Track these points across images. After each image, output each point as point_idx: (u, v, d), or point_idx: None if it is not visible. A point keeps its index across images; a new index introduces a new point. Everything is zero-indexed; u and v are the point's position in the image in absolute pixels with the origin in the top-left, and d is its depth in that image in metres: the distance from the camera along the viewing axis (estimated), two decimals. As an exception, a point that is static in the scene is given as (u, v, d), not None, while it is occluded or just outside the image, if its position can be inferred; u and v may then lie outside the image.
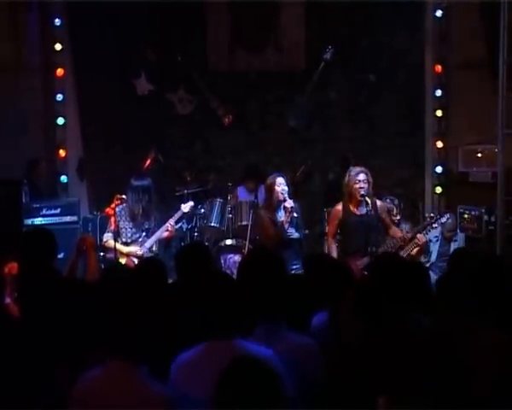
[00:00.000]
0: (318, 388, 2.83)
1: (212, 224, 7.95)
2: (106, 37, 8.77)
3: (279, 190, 6.49)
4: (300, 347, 3.13)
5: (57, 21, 8.82)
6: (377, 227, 6.35)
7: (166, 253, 6.87)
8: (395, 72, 9.04)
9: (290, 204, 6.41)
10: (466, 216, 8.06)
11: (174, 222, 6.79)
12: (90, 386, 2.80)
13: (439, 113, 8.85)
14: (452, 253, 5.46)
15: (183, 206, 7.07)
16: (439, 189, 8.91)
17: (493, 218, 7.81)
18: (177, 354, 3.00)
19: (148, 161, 8.61)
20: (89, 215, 8.50)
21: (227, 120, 9.33)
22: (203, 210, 8.02)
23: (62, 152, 8.95)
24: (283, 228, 6.41)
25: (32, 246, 4.51)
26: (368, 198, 6.16)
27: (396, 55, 8.97)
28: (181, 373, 2.93)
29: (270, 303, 3.14)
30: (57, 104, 8.90)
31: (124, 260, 6.48)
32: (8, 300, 4.30)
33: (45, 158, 8.87)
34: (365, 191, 6.18)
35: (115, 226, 6.50)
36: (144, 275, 4.18)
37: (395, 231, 6.42)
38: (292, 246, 6.45)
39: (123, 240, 6.59)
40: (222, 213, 7.94)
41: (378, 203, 6.38)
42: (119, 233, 6.57)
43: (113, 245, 6.41)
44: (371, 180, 6.25)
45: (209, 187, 8.73)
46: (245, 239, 7.25)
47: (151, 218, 6.66)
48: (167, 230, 6.66)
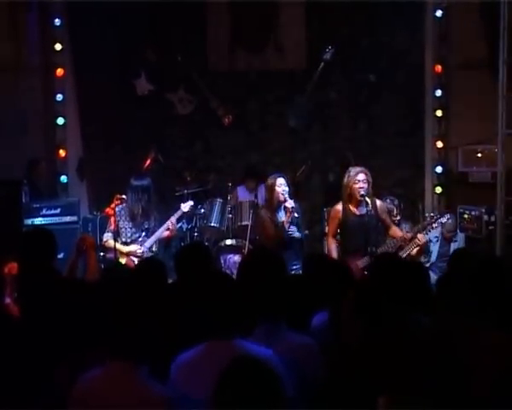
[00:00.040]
0: (318, 388, 2.83)
1: (212, 224, 7.95)
2: (106, 37, 8.76)
3: (280, 191, 6.49)
4: (300, 347, 3.13)
5: (57, 21, 8.82)
6: (377, 227, 6.35)
7: (166, 253, 6.89)
8: (395, 72, 9.04)
9: (291, 204, 6.41)
10: (466, 216, 8.06)
11: (175, 220, 6.80)
12: (90, 386, 2.80)
13: (439, 113, 8.85)
14: (452, 253, 5.46)
15: (183, 205, 7.08)
16: (439, 189, 8.91)
17: (493, 218, 7.82)
18: (177, 354, 3.00)
19: (148, 161, 8.61)
20: (89, 215, 8.51)
21: (227, 120, 9.33)
22: (203, 210, 8.02)
23: (62, 152, 8.95)
24: (284, 228, 6.41)
25: (32, 246, 4.51)
26: (368, 198, 6.16)
27: (396, 55, 8.96)
28: (181, 373, 2.93)
29: (269, 303, 3.14)
30: (57, 104, 8.90)
31: (124, 259, 6.48)
32: (8, 300, 4.30)
33: (45, 158, 8.87)
34: (365, 191, 6.17)
35: (115, 226, 6.50)
36: (144, 275, 4.18)
37: (395, 231, 6.42)
38: (292, 246, 6.45)
39: (123, 240, 6.59)
40: (222, 213, 7.94)
41: (378, 203, 6.38)
42: (119, 233, 6.58)
43: (113, 245, 6.42)
44: (371, 180, 6.25)
45: (209, 187, 8.73)
46: (245, 239, 7.25)
47: (151, 218, 6.66)
48: (168, 228, 6.67)
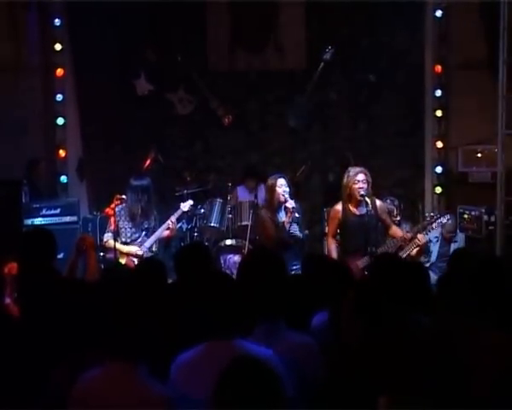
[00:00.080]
0: (318, 388, 2.83)
1: (212, 224, 7.95)
2: (106, 37, 8.76)
3: (280, 192, 6.49)
4: (300, 346, 3.13)
5: (57, 21, 8.82)
6: (377, 227, 6.34)
7: (166, 253, 6.89)
8: (395, 72, 9.04)
9: (291, 204, 6.41)
10: (466, 216, 8.06)
11: (175, 220, 6.80)
12: (90, 386, 2.80)
13: (439, 113, 8.85)
14: (452, 253, 5.46)
15: (183, 205, 7.08)
16: (439, 189, 8.91)
17: (493, 218, 7.82)
18: (177, 354, 3.00)
19: (148, 161, 8.61)
20: (88, 215, 8.51)
21: (227, 120, 9.33)
22: (203, 210, 8.02)
23: (62, 152, 8.94)
24: (284, 228, 6.41)
25: (32, 246, 4.51)
26: (367, 198, 6.15)
27: (396, 55, 8.96)
28: (181, 373, 2.93)
29: (269, 303, 3.14)
30: (57, 104, 8.90)
31: (124, 259, 6.48)
32: (8, 300, 4.30)
33: (45, 158, 8.88)
34: (365, 191, 6.16)
35: (115, 226, 6.49)
36: (144, 275, 4.18)
37: (395, 231, 6.41)
38: (292, 247, 6.46)
39: (122, 240, 6.59)
40: (222, 213, 7.94)
41: (378, 203, 6.37)
42: (119, 233, 6.58)
43: (113, 245, 6.42)
44: (370, 180, 6.24)
45: (209, 187, 8.74)
46: (245, 239, 7.25)
47: (150, 217, 6.66)
48: (168, 228, 6.67)
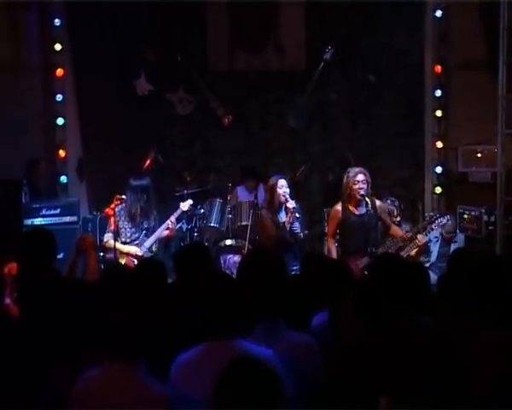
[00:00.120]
0: (318, 388, 2.82)
1: (212, 224, 7.95)
2: (106, 37, 8.76)
3: (281, 193, 6.51)
4: (300, 345, 3.13)
5: (57, 21, 8.82)
6: (376, 227, 6.35)
7: (166, 253, 6.88)
8: (395, 72, 9.04)
9: (292, 205, 6.42)
10: (466, 216, 8.07)
11: (174, 219, 6.80)
12: (89, 386, 2.80)
13: (439, 113, 8.86)
14: (452, 253, 5.45)
15: (182, 204, 7.08)
16: (439, 189, 8.91)
17: (493, 218, 7.83)
18: (177, 355, 2.99)
19: (148, 162, 8.62)
20: (88, 215, 8.50)
21: (227, 121, 9.33)
22: (203, 210, 8.02)
23: (62, 152, 8.94)
24: (285, 229, 6.42)
25: (32, 246, 4.50)
26: (367, 198, 6.16)
27: (396, 55, 8.97)
28: (180, 374, 2.93)
29: (269, 303, 3.14)
30: (57, 104, 8.90)
31: (123, 260, 6.48)
32: (7, 300, 4.30)
33: (45, 158, 8.87)
34: (364, 191, 6.17)
35: (115, 227, 6.49)
36: (144, 275, 4.17)
37: (395, 231, 6.41)
38: (293, 247, 6.47)
39: (122, 240, 6.59)
40: (222, 213, 7.94)
41: (377, 203, 6.37)
42: (119, 233, 6.57)
43: (113, 245, 6.41)
44: (370, 180, 6.24)
45: (209, 187, 8.74)
46: (244, 239, 7.24)
47: (150, 217, 6.65)
48: (168, 228, 6.66)
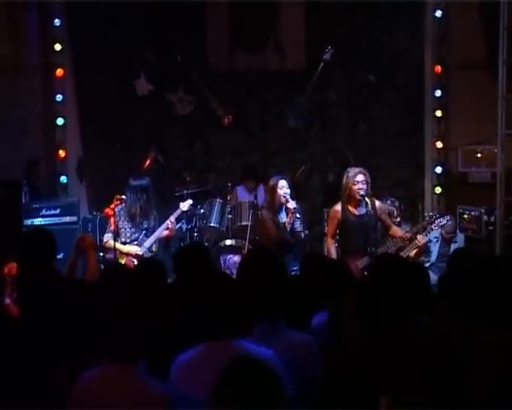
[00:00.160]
0: (318, 388, 2.82)
1: (212, 224, 7.94)
2: (106, 37, 8.76)
3: (281, 193, 6.51)
4: (300, 345, 3.12)
5: (57, 21, 8.82)
6: (376, 227, 6.35)
7: (166, 253, 6.87)
8: (395, 72, 9.04)
9: (293, 205, 6.43)
10: (465, 216, 8.07)
11: (174, 219, 6.79)
12: (89, 386, 2.80)
13: (439, 113, 8.86)
14: (452, 253, 5.45)
15: (182, 204, 7.08)
16: (439, 189, 8.91)
17: (493, 218, 7.83)
18: (177, 355, 2.99)
19: (148, 162, 8.62)
20: (88, 215, 8.51)
21: (227, 121, 9.33)
22: (203, 210, 8.01)
23: (62, 152, 8.95)
24: (285, 229, 6.42)
25: (32, 246, 4.50)
26: (367, 198, 6.15)
27: (396, 55, 8.97)
28: (180, 374, 2.92)
29: (269, 303, 3.14)
30: (57, 104, 8.90)
31: (123, 260, 6.47)
32: (7, 300, 4.30)
33: (45, 158, 8.88)
34: (364, 192, 6.16)
35: (115, 227, 6.49)
36: (144, 275, 4.17)
37: (395, 231, 6.40)
38: (293, 247, 6.47)
39: (122, 240, 6.58)
40: (221, 213, 7.93)
41: (377, 204, 6.36)
42: (119, 233, 6.57)
43: (113, 245, 6.41)
44: (369, 181, 6.24)
45: (209, 187, 8.74)
46: (244, 239, 7.24)
47: (150, 217, 6.65)
48: (167, 228, 6.66)
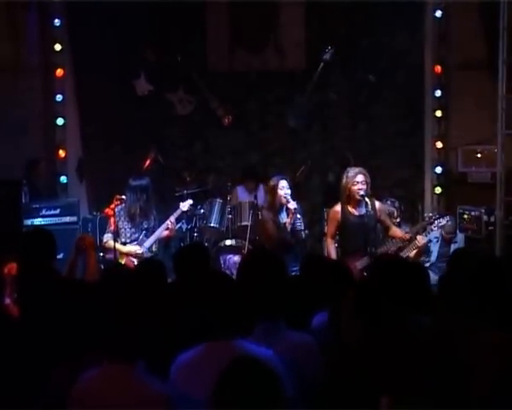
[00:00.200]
0: (318, 388, 2.82)
1: (212, 224, 7.94)
2: (106, 37, 8.76)
3: (282, 194, 6.51)
4: (300, 345, 3.12)
5: (57, 21, 8.82)
6: (376, 228, 6.35)
7: (166, 253, 6.88)
8: (395, 72, 9.04)
9: (293, 206, 6.43)
10: (465, 217, 8.07)
11: (174, 220, 6.79)
12: (89, 386, 2.80)
13: (439, 113, 8.86)
14: (452, 253, 5.46)
15: (182, 204, 7.08)
16: (439, 189, 8.91)
17: (493, 218, 7.83)
18: (177, 355, 2.99)
19: (148, 162, 8.61)
20: (88, 216, 8.50)
21: (227, 121, 9.33)
22: (203, 210, 8.01)
23: (62, 152, 8.94)
24: (286, 229, 6.42)
25: (32, 246, 4.50)
26: (367, 199, 6.15)
27: (396, 55, 8.96)
28: (180, 374, 2.92)
29: (269, 303, 3.14)
30: (57, 104, 8.90)
31: (123, 260, 6.47)
32: (7, 300, 4.30)
33: (45, 158, 8.88)
34: (364, 192, 6.16)
35: (115, 227, 6.49)
36: (144, 275, 4.17)
37: (395, 232, 6.40)
38: (293, 248, 6.48)
39: (122, 240, 6.58)
40: (221, 213, 7.93)
41: (377, 204, 6.35)
42: (119, 234, 6.57)
43: (113, 246, 6.41)
44: (369, 181, 6.23)
45: (209, 187, 8.73)
46: (244, 239, 7.24)
47: (150, 217, 6.65)
48: (167, 228, 6.66)
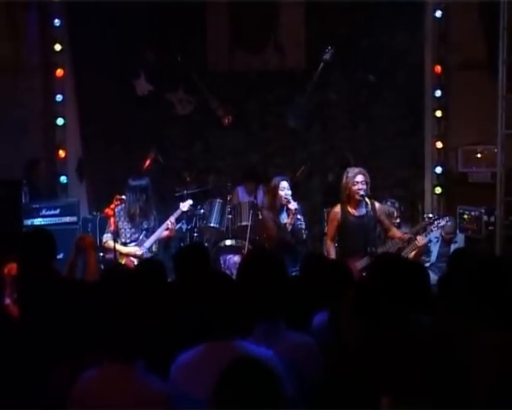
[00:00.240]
0: (318, 388, 2.82)
1: (212, 224, 7.93)
2: (105, 37, 8.76)
3: (283, 195, 6.51)
4: (300, 346, 3.12)
5: (57, 22, 8.82)
6: (375, 229, 6.34)
7: (166, 253, 6.87)
8: (395, 72, 9.04)
9: (294, 206, 6.43)
10: (466, 217, 8.07)
11: (174, 220, 6.79)
12: (89, 386, 2.80)
13: (439, 113, 8.86)
14: (452, 253, 5.45)
15: (182, 204, 7.08)
16: (439, 189, 8.91)
17: (493, 218, 7.83)
18: (177, 355, 2.99)
19: (148, 162, 8.61)
20: (88, 216, 8.50)
21: (227, 121, 9.32)
22: (203, 211, 8.00)
23: (62, 152, 8.95)
24: (286, 230, 6.42)
25: (32, 246, 4.50)
26: (367, 199, 6.15)
27: (396, 55, 8.96)
28: (180, 374, 2.92)
29: (269, 303, 3.14)
30: (57, 104, 8.90)
31: (123, 260, 6.47)
32: (7, 300, 4.30)
33: (45, 158, 8.88)
34: (364, 192, 6.16)
35: (115, 227, 6.49)
36: (144, 275, 4.17)
37: (394, 233, 6.39)
38: (293, 248, 6.48)
39: (122, 240, 6.58)
40: (221, 213, 7.93)
41: (377, 205, 6.34)
42: (119, 234, 6.57)
43: (113, 246, 6.41)
44: (369, 181, 6.23)
45: (209, 188, 8.73)
46: (244, 240, 7.24)
47: (150, 217, 6.65)
48: (167, 228, 6.66)
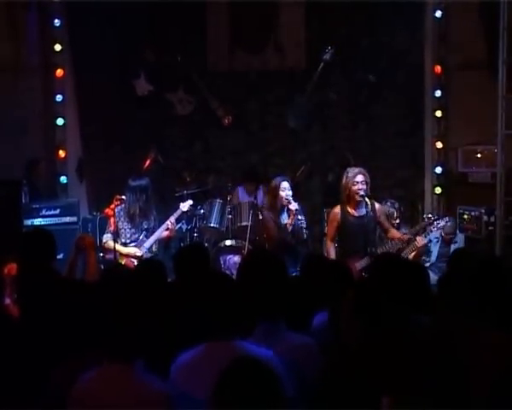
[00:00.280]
0: (318, 388, 2.82)
1: (212, 224, 7.93)
2: (105, 37, 8.76)
3: (283, 195, 6.51)
4: (300, 347, 3.12)
5: (57, 22, 8.82)
6: (375, 229, 6.34)
7: (166, 253, 6.88)
8: (395, 72, 9.04)
9: (295, 207, 6.42)
10: (466, 217, 8.07)
11: (174, 220, 6.79)
12: (89, 386, 2.80)
13: (439, 113, 8.86)
14: (452, 253, 5.45)
15: (182, 205, 7.08)
16: (439, 189, 8.91)
17: (493, 218, 7.83)
18: (177, 355, 2.99)
19: (148, 162, 8.61)
20: (88, 216, 8.50)
21: (227, 121, 9.32)
22: (203, 211, 8.00)
23: (62, 152, 8.95)
24: (286, 230, 6.42)
25: (32, 247, 4.50)
26: (367, 199, 6.14)
27: (396, 55, 8.96)
28: (180, 374, 2.92)
29: (269, 304, 3.14)
30: (57, 104, 8.90)
31: (123, 260, 6.47)
32: (7, 300, 4.30)
33: (45, 158, 8.88)
34: (364, 192, 6.15)
35: (115, 227, 6.49)
36: (144, 275, 4.17)
37: (394, 234, 6.39)
38: (294, 248, 6.47)
39: (122, 241, 6.58)
40: (221, 213, 7.92)
41: (377, 206, 6.33)
42: (119, 234, 6.57)
43: (113, 246, 6.41)
44: (369, 181, 6.22)
45: (209, 188, 8.73)
46: (245, 240, 7.24)
47: (150, 218, 6.65)
48: (167, 228, 6.66)
